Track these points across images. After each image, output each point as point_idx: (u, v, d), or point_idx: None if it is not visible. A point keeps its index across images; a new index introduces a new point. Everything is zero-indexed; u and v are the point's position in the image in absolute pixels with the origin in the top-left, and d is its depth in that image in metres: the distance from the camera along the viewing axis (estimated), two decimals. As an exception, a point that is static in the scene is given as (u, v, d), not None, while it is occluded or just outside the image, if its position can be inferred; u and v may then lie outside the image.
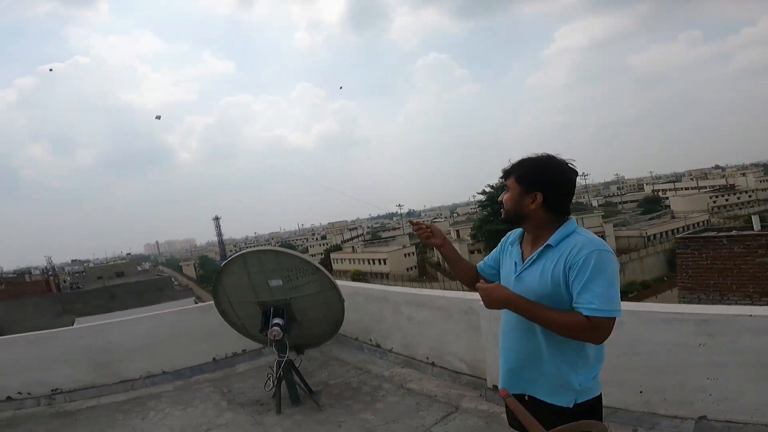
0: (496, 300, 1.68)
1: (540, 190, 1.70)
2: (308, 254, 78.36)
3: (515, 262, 1.81)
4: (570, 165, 1.72)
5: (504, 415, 2.18)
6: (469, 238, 50.74)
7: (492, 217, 46.06)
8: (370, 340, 4.97)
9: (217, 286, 4.17)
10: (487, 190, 47.34)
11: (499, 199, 1.86)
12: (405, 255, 57.63)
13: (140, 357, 4.91)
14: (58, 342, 4.89)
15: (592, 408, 1.74)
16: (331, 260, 58.96)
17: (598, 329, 1.55)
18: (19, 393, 4.62)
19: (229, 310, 4.30)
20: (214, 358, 5.11)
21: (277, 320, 3.78)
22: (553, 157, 1.73)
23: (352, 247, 66.30)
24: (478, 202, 54.80)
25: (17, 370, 4.65)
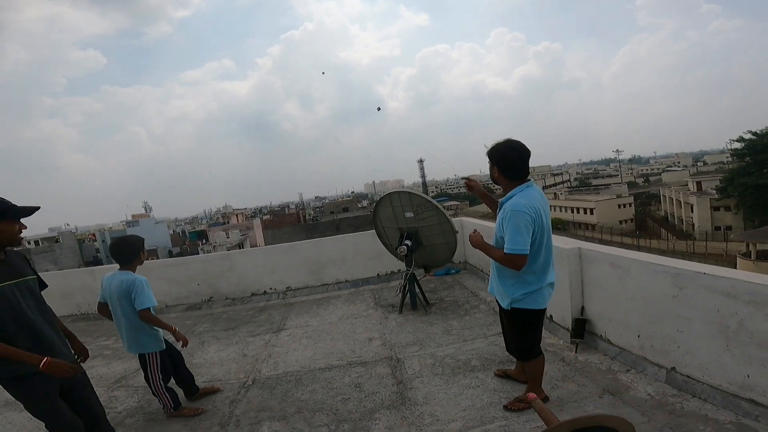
0: (473, 244, 2.67)
1: (496, 164, 2.54)
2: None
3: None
4: (515, 148, 2.47)
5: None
6: (714, 191, 41.07)
7: (753, 169, 35.51)
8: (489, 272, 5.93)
9: (375, 215, 5.56)
10: (746, 136, 36.72)
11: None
12: (619, 206, 50.95)
13: (334, 268, 6.87)
14: (295, 252, 6.98)
15: (526, 316, 2.61)
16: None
17: (512, 260, 2.40)
18: (271, 288, 6.80)
19: (382, 233, 5.69)
20: (377, 274, 6.83)
21: (407, 242, 4.96)
22: (509, 141, 2.52)
23: (554, 193, 62.29)
24: (732, 150, 43.05)
25: (270, 271, 6.83)
